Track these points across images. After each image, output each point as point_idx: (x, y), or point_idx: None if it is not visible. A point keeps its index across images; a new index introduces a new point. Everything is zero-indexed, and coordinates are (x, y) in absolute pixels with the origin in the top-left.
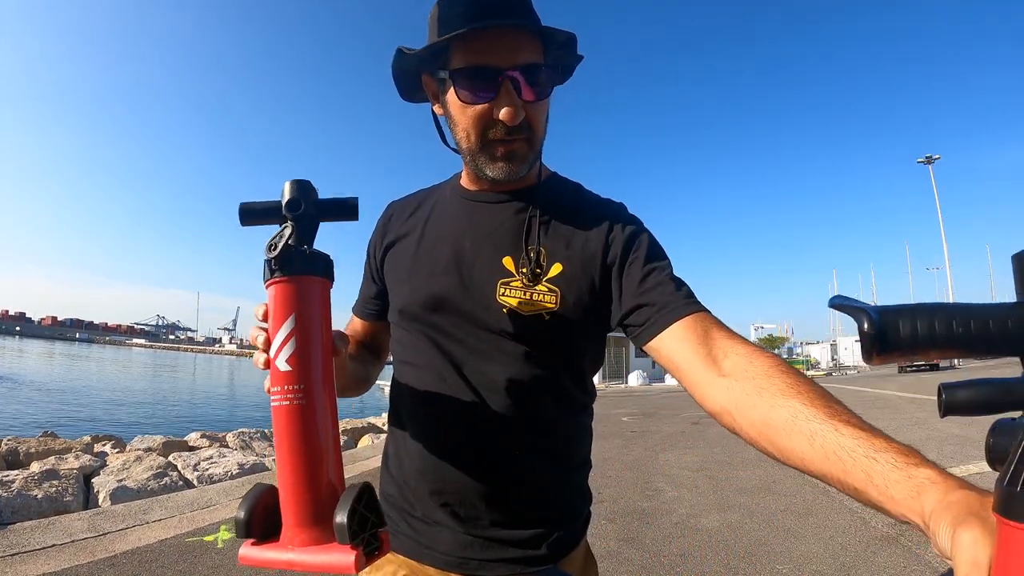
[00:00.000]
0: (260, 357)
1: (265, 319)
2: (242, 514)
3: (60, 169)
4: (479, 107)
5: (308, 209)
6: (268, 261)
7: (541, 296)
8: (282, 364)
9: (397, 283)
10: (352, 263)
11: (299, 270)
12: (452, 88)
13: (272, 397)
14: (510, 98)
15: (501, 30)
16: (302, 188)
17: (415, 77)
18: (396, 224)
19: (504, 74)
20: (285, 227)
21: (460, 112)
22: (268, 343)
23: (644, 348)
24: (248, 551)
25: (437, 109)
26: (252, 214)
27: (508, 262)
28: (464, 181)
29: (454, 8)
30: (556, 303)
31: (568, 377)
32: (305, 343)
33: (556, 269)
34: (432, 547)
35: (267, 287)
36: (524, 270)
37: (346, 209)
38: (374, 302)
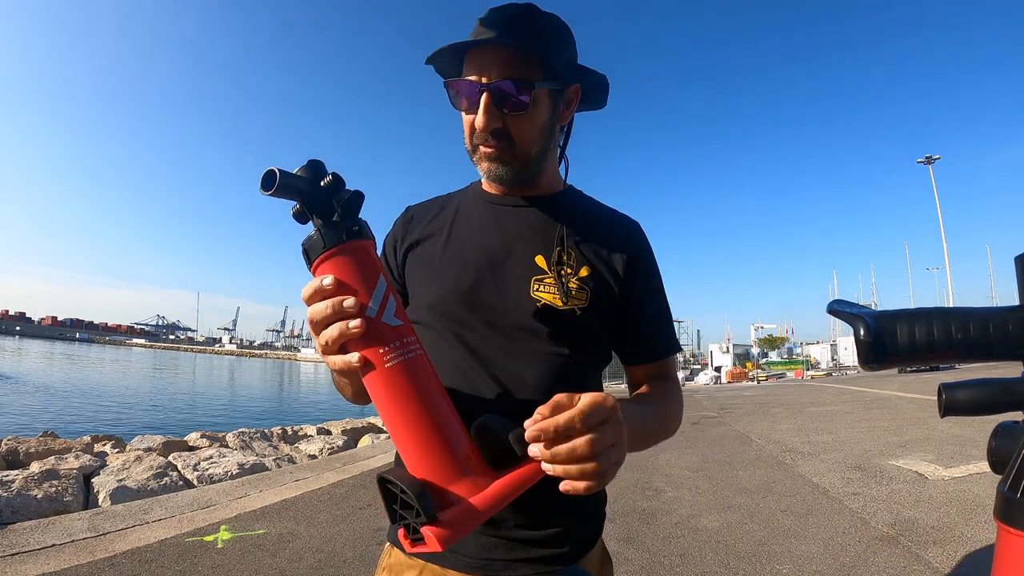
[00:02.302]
0: (353, 323)
1: (337, 290)
2: (421, 491)
3: (60, 168)
4: (467, 115)
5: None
6: (343, 226)
7: (575, 293)
8: (392, 320)
9: (424, 281)
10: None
11: (370, 234)
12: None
13: (388, 358)
14: (482, 110)
15: (493, 46)
16: (324, 170)
17: None
18: (418, 225)
19: (480, 87)
20: (351, 194)
21: (461, 118)
22: (363, 306)
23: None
24: (441, 528)
25: None
26: (288, 187)
27: (540, 260)
28: (485, 186)
29: (475, 26)
30: (587, 301)
31: (590, 379)
32: (398, 296)
33: (585, 271)
34: (456, 550)
35: (338, 254)
36: (556, 267)
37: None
38: None
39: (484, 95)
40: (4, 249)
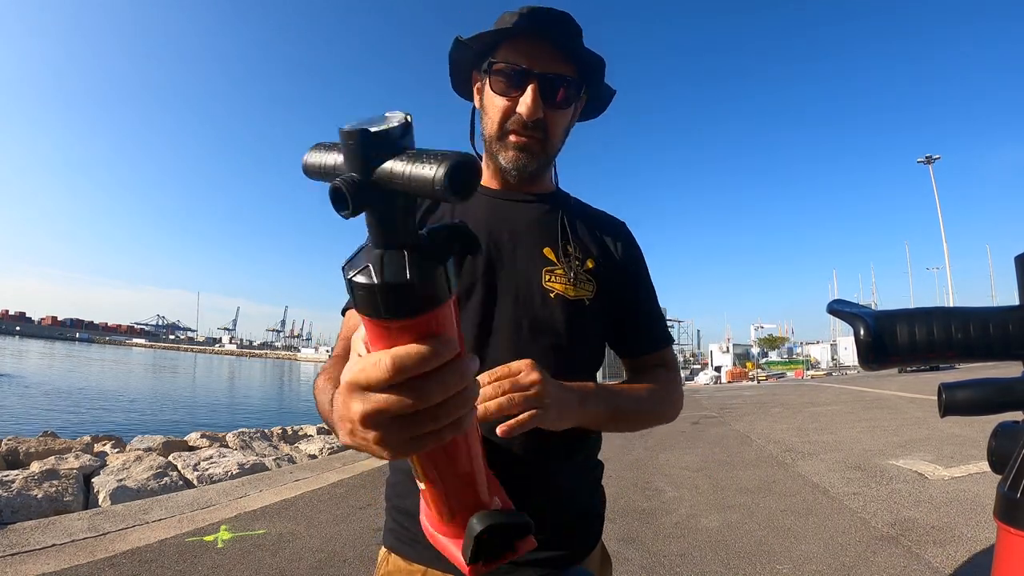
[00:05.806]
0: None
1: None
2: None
3: (60, 168)
4: (506, 99)
5: None
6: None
7: (583, 284)
8: None
9: None
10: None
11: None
12: (489, 79)
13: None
14: (532, 97)
15: (542, 40)
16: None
17: (467, 72)
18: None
19: (533, 76)
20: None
21: (491, 101)
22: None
23: (617, 354)
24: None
25: (477, 101)
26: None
27: (549, 252)
28: (484, 179)
29: (515, 16)
30: (594, 292)
31: (590, 375)
32: None
33: (591, 263)
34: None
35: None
36: (564, 259)
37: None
38: None
39: (534, 83)
40: (4, 249)
